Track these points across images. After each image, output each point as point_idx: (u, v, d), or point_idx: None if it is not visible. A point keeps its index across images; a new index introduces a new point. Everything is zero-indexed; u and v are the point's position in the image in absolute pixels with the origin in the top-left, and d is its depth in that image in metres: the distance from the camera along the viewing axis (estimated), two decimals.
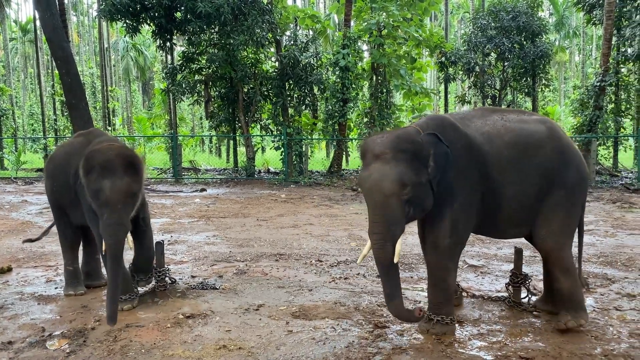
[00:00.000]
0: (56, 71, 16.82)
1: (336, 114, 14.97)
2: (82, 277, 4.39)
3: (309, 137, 17.15)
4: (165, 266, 4.30)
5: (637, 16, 14.40)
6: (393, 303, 3.06)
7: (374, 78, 15.80)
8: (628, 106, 16.02)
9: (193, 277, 4.77)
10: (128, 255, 3.95)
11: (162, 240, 4.41)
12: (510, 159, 3.26)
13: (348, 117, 15.45)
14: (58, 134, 20.52)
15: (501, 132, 3.32)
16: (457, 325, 3.40)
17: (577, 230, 3.49)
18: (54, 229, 4.53)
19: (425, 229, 3.34)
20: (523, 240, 3.73)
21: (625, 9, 14.93)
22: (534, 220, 3.37)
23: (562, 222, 3.33)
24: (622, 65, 15.81)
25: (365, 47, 17.50)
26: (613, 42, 14.63)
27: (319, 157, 22.42)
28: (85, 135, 4.20)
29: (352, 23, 15.77)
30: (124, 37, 28.49)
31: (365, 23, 15.25)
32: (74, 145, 4.10)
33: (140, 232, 4.01)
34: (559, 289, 3.40)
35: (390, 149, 3.01)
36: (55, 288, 4.46)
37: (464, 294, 4.03)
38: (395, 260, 3.02)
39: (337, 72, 14.88)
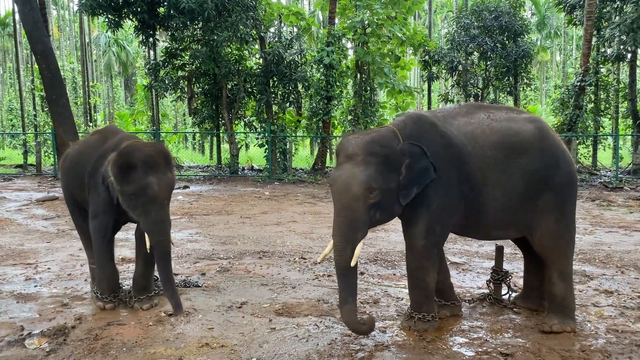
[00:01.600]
0: (36, 66, 16.54)
1: (320, 111, 14.99)
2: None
3: (293, 135, 17.13)
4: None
5: (617, 17, 14.65)
6: (345, 308, 3.00)
7: (358, 76, 15.84)
8: (607, 106, 16.32)
9: (175, 274, 4.74)
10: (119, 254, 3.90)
11: None
12: (495, 159, 3.19)
13: (332, 114, 15.48)
14: (38, 129, 20.16)
15: (486, 132, 3.24)
16: (438, 321, 3.44)
17: None
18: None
19: (404, 230, 3.32)
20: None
21: (605, 10, 15.18)
22: (524, 223, 3.29)
23: (556, 224, 3.25)
24: (601, 66, 16.09)
25: (349, 44, 17.52)
26: (593, 43, 14.86)
27: (303, 155, 22.44)
28: (101, 132, 4.13)
29: (336, 20, 15.78)
30: (106, 32, 28.14)
31: (350, 21, 15.28)
32: (89, 144, 4.02)
33: None
34: (551, 292, 3.35)
35: (362, 151, 3.01)
36: (35, 286, 4.40)
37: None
38: (352, 264, 2.97)
39: (321, 70, 14.89)
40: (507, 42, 16.49)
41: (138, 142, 3.61)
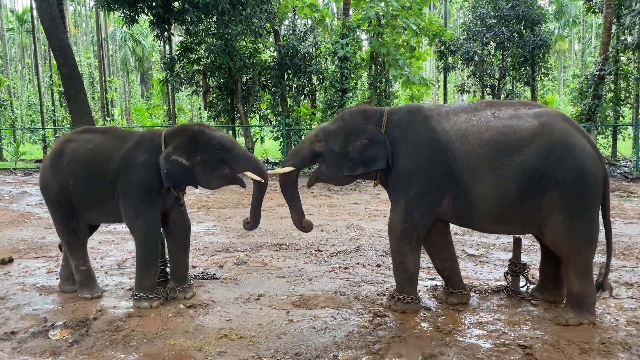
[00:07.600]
0: (54, 62, 16.74)
1: (335, 103, 14.93)
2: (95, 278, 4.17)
3: (308, 127, 17.12)
4: (166, 257, 4.31)
5: (637, 4, 14.32)
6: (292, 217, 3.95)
7: (373, 67, 15.75)
8: (627, 95, 15.97)
9: (193, 267, 4.79)
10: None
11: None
12: (486, 157, 3.16)
13: (347, 106, 15.42)
14: (57, 124, 20.44)
15: (481, 129, 3.21)
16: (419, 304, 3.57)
17: (604, 231, 3.34)
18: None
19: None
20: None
21: None
22: (528, 221, 3.24)
23: (564, 224, 3.14)
24: (621, 54, 15.74)
25: (364, 36, 17.39)
26: (613, 31, 14.55)
27: None
28: (109, 131, 4.02)
29: (351, 12, 15.67)
30: (122, 27, 28.36)
31: (364, 12, 15.17)
32: (101, 141, 3.84)
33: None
34: (569, 289, 3.32)
35: (339, 115, 3.68)
36: (57, 279, 4.47)
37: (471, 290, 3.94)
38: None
39: (336, 62, 14.82)
40: (524, 31, 16.23)
41: (180, 124, 4.10)
